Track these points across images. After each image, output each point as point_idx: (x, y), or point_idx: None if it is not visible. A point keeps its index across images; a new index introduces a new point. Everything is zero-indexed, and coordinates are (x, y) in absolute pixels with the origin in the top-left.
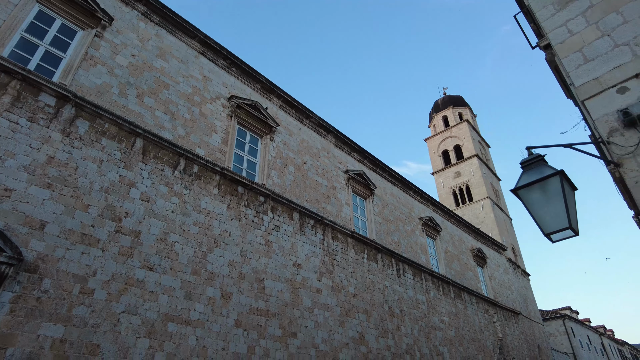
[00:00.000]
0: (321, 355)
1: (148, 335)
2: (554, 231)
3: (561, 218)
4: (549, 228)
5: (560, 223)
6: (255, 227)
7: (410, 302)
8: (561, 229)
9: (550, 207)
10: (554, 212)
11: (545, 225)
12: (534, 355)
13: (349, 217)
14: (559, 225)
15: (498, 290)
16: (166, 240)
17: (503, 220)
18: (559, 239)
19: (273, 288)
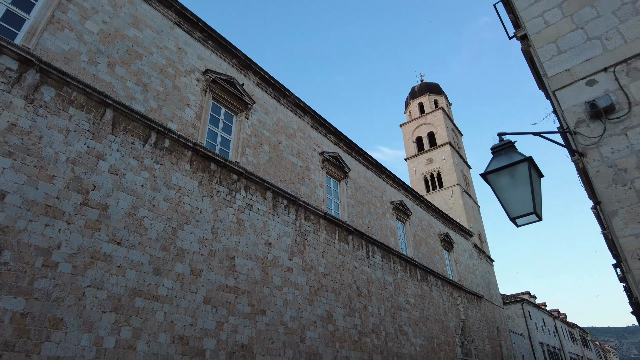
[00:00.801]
0: (289, 332)
1: (114, 310)
2: (519, 215)
3: (526, 203)
4: (514, 212)
5: (525, 208)
6: (227, 205)
7: (378, 283)
8: (526, 214)
9: (517, 192)
10: (520, 197)
11: (511, 209)
12: (493, 336)
13: (322, 198)
14: (524, 210)
15: (463, 275)
16: (135, 215)
17: (471, 207)
18: (524, 223)
19: (244, 266)
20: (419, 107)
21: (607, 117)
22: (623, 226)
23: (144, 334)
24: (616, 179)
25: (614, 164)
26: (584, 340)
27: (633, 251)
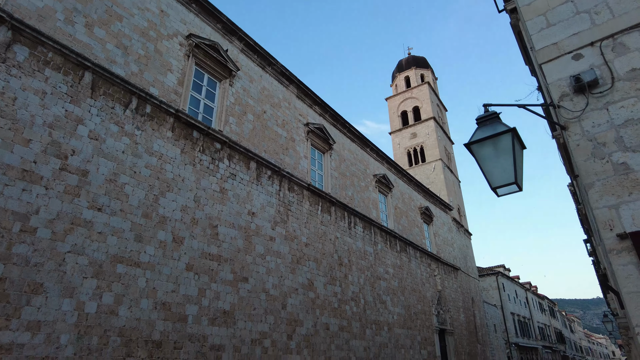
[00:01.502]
0: (271, 299)
1: (96, 276)
2: (500, 185)
3: (508, 173)
4: (496, 182)
5: (506, 178)
6: (210, 174)
7: (359, 253)
8: (507, 184)
9: (499, 163)
10: (502, 168)
11: (493, 179)
12: (468, 307)
13: (306, 170)
14: (505, 180)
15: (441, 247)
16: (116, 181)
17: (452, 182)
18: (504, 193)
19: (226, 234)
20: (405, 81)
21: (591, 91)
22: (598, 198)
23: (126, 299)
24: (595, 152)
25: (594, 138)
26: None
27: (605, 222)
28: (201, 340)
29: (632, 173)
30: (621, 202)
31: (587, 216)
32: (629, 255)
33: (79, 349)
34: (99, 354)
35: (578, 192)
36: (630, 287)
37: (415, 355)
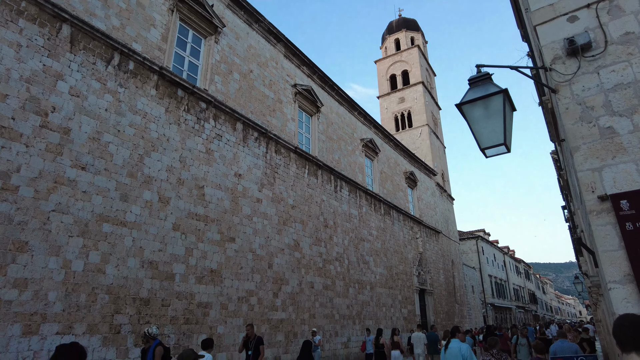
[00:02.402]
0: (257, 259)
1: (81, 235)
2: (489, 146)
3: (498, 134)
4: (485, 143)
5: (496, 139)
6: (195, 134)
7: (344, 216)
8: (496, 145)
9: (489, 124)
10: (492, 129)
11: (482, 140)
12: (448, 268)
13: (293, 132)
14: (494, 141)
15: (424, 211)
16: (99, 140)
17: (437, 147)
18: (493, 154)
19: (213, 195)
20: (395, 44)
21: (583, 54)
22: (583, 161)
23: (113, 258)
24: (583, 116)
25: (583, 102)
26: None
27: (588, 184)
28: (189, 297)
29: (616, 137)
30: (604, 165)
31: (569, 181)
32: (607, 216)
33: (68, 305)
34: (87, 311)
35: (561, 157)
36: (606, 246)
37: (396, 313)
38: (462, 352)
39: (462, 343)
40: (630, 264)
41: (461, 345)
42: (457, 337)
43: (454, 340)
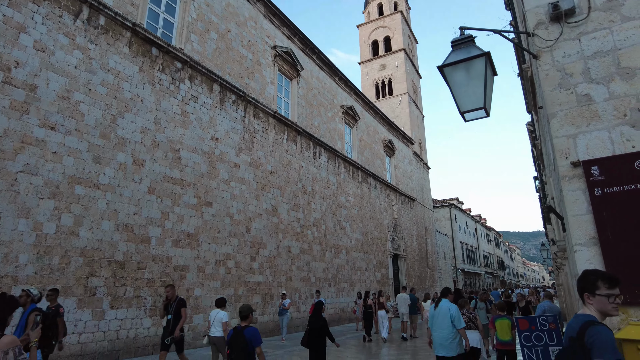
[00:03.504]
0: (235, 223)
1: (52, 197)
2: (468, 110)
3: (478, 98)
4: (465, 106)
5: (476, 103)
6: (170, 95)
7: (322, 182)
8: (475, 109)
9: (470, 88)
10: (472, 92)
11: (462, 103)
12: (421, 235)
13: (272, 96)
14: (474, 105)
15: (400, 179)
16: (69, 98)
17: (416, 116)
18: (472, 118)
19: (189, 159)
20: (378, 8)
21: (566, 20)
22: (559, 127)
23: (87, 221)
24: (562, 82)
25: (563, 68)
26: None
27: (563, 150)
28: (165, 261)
29: (592, 104)
30: (579, 132)
31: (543, 150)
32: (578, 182)
33: (40, 268)
34: (61, 273)
35: (537, 127)
36: (575, 211)
37: (370, 276)
38: (451, 311)
39: (451, 303)
40: (596, 228)
41: (450, 305)
42: (447, 297)
43: (444, 300)
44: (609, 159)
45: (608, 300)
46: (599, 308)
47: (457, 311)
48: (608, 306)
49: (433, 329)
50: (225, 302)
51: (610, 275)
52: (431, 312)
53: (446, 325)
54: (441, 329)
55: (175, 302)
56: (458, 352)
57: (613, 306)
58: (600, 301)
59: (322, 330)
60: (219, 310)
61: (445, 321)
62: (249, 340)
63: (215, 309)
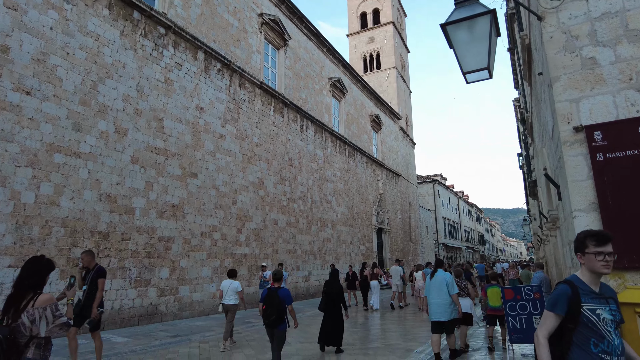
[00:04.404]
0: (221, 195)
1: (30, 165)
2: (471, 70)
3: (482, 58)
4: (468, 67)
5: (479, 63)
6: (153, 62)
7: (309, 156)
8: (479, 69)
9: (473, 47)
10: (476, 52)
11: (465, 63)
12: (405, 210)
13: (259, 66)
14: (477, 65)
15: (386, 154)
16: (45, 62)
17: (403, 91)
18: (474, 79)
19: (173, 128)
20: None
21: None
22: (562, 91)
23: (67, 190)
24: (567, 45)
25: (568, 30)
26: (478, 217)
27: (565, 115)
28: (150, 232)
29: (598, 68)
30: (582, 96)
31: (534, 123)
32: (580, 147)
33: (19, 238)
34: (42, 244)
35: (529, 99)
36: (575, 176)
37: (355, 249)
38: (447, 279)
39: (446, 273)
40: (596, 193)
41: (445, 274)
42: (442, 267)
43: (440, 270)
44: (613, 124)
45: (596, 258)
46: (589, 267)
47: (451, 279)
48: (597, 264)
49: (430, 297)
50: (237, 273)
51: (598, 232)
52: (428, 281)
53: (443, 293)
54: (438, 296)
55: (93, 270)
56: (452, 316)
57: (602, 264)
58: (589, 259)
59: (337, 297)
60: (232, 281)
61: (442, 289)
62: (282, 299)
63: (228, 280)
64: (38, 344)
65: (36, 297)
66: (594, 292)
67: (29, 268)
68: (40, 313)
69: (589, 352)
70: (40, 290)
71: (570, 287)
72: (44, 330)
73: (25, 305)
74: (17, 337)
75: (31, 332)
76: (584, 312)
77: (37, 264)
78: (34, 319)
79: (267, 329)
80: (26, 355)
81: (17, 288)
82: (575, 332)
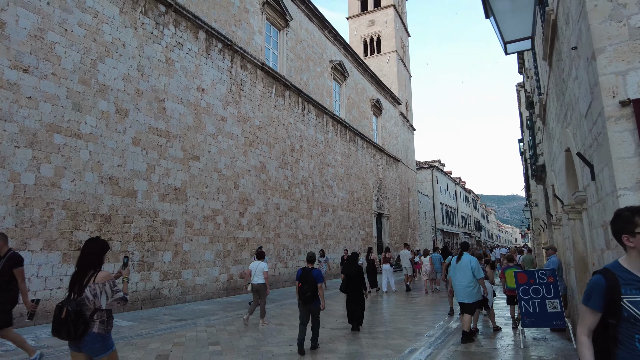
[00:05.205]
0: (223, 178)
1: (30, 146)
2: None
3: (525, 27)
4: (509, 36)
5: (523, 32)
6: (154, 41)
7: (310, 140)
8: (521, 39)
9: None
10: (519, 21)
11: (507, 32)
12: (404, 195)
13: (260, 47)
14: (519, 34)
15: (386, 139)
16: (43, 38)
17: (404, 75)
18: (515, 50)
19: (175, 110)
20: None
21: None
22: (606, 64)
23: (68, 172)
24: (613, 14)
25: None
26: (475, 204)
27: (610, 88)
28: (152, 215)
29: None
30: (630, 68)
31: (549, 105)
32: (627, 122)
33: (20, 221)
34: (43, 227)
35: (545, 80)
36: (621, 153)
37: (355, 234)
38: (472, 263)
39: (471, 256)
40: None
41: (471, 258)
42: (468, 251)
43: (465, 253)
44: None
45: None
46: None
47: (477, 263)
48: None
49: (455, 279)
50: (265, 255)
51: None
52: (453, 264)
53: (467, 275)
54: (463, 278)
55: (5, 258)
56: (477, 299)
57: None
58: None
59: (357, 277)
60: (260, 262)
61: (467, 272)
62: (315, 277)
63: (256, 261)
64: (102, 319)
65: (96, 274)
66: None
67: (88, 249)
68: (101, 288)
69: (633, 350)
70: (99, 268)
71: (606, 277)
72: (104, 303)
73: (88, 281)
74: (83, 309)
75: (94, 304)
76: (624, 305)
77: (95, 245)
78: (96, 293)
79: (302, 305)
80: (92, 329)
81: (79, 266)
82: (619, 328)
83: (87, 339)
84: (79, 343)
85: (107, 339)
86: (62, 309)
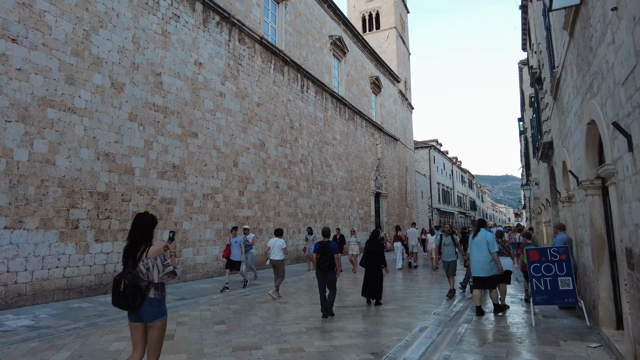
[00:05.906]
0: (222, 156)
1: (22, 120)
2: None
3: None
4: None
5: None
6: (149, 12)
7: (310, 118)
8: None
9: None
10: None
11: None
12: (402, 174)
13: (258, 20)
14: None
15: (385, 118)
16: (32, 6)
17: (403, 53)
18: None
19: (172, 84)
20: None
21: None
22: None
23: (63, 148)
24: None
25: None
26: (470, 183)
27: None
28: (151, 193)
29: None
30: None
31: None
32: None
33: (14, 198)
34: (38, 204)
35: (562, 52)
36: None
37: (354, 213)
38: (487, 238)
39: (487, 232)
40: None
41: (487, 233)
42: (484, 227)
43: (482, 229)
44: None
45: None
46: None
47: (492, 238)
48: None
49: (472, 254)
50: (283, 232)
51: None
52: (470, 240)
53: (483, 250)
54: (478, 253)
55: None
56: (493, 273)
57: None
58: None
59: (378, 254)
60: (277, 239)
61: (483, 246)
62: (332, 249)
63: (274, 237)
64: (156, 286)
65: (147, 248)
66: None
67: (139, 222)
68: (153, 262)
69: None
70: (150, 242)
71: None
72: (156, 277)
73: (140, 255)
74: (138, 281)
75: (148, 278)
76: None
77: (145, 219)
78: (149, 267)
79: (320, 274)
80: (148, 295)
81: (131, 240)
82: None
83: (145, 305)
84: (138, 311)
85: (163, 304)
86: (120, 282)
